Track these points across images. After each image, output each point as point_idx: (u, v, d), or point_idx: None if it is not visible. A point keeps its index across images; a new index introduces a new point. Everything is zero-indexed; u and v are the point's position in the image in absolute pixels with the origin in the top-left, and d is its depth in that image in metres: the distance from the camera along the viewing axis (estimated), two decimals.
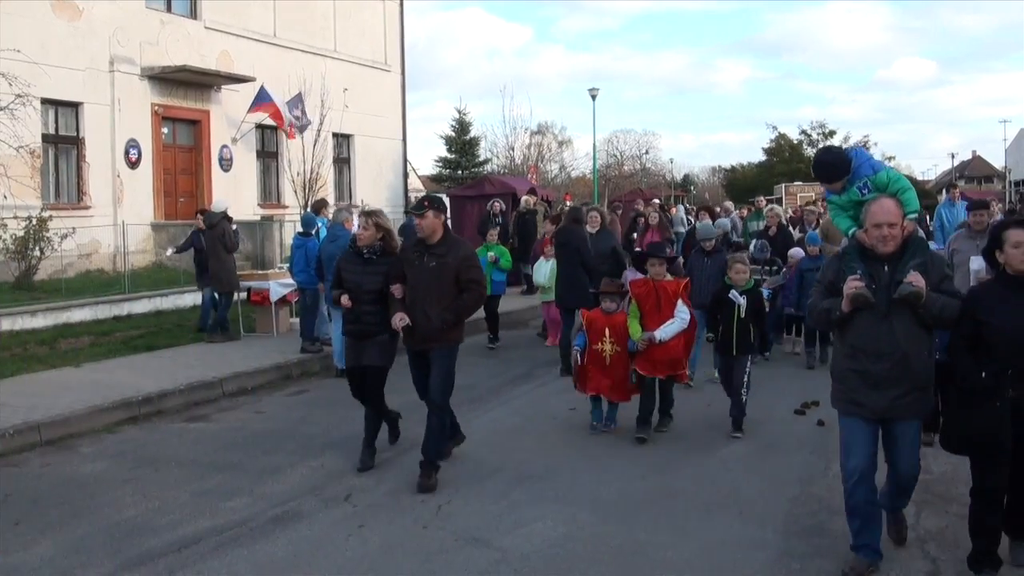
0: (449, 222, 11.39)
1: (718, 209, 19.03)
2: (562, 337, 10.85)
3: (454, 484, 6.59)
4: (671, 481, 6.60)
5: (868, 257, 4.73)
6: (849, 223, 5.68)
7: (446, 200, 26.15)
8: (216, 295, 13.28)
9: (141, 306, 15.07)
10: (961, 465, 6.99)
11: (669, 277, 7.96)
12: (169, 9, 21.49)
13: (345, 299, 6.96)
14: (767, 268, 11.53)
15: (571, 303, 10.39)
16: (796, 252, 11.75)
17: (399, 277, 6.72)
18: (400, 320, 6.57)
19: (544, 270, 12.96)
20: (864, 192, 5.54)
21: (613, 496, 6.34)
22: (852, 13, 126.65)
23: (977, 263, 8.12)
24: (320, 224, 12.48)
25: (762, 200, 19.39)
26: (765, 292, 10.68)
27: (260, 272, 15.17)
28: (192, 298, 15.40)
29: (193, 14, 22.00)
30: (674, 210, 23.61)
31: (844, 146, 7.45)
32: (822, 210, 25.95)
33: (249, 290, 13.53)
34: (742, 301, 7.98)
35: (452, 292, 6.52)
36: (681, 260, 11.45)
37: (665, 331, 7.59)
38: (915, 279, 4.49)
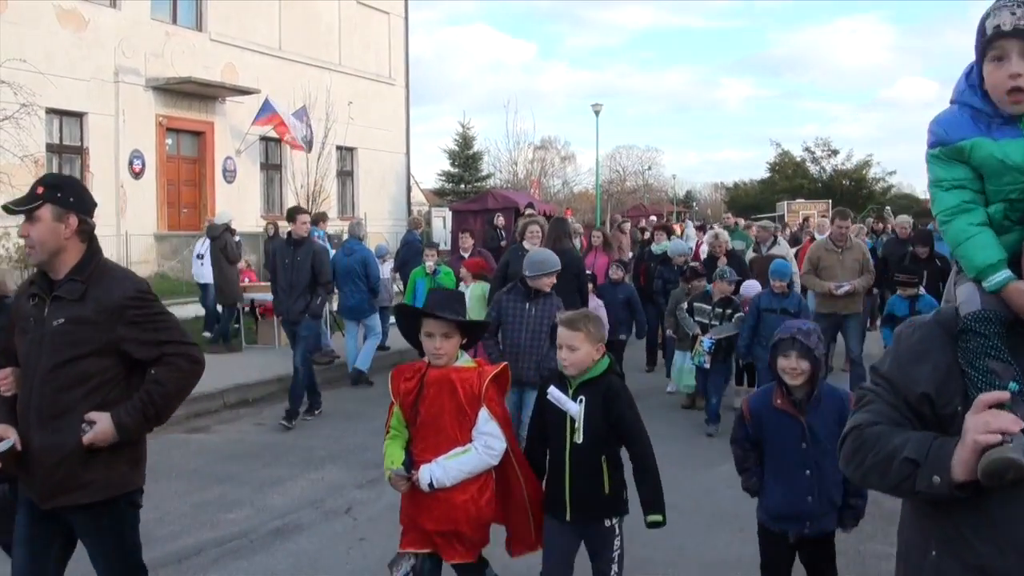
0: (405, 235, 11.18)
1: (713, 226, 18.21)
2: None
3: None
4: (671, 497, 6.52)
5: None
6: (992, 249, 2.03)
7: (448, 214, 25.67)
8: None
9: None
10: None
11: (465, 360, 3.97)
12: (175, 21, 21.61)
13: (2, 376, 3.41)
14: (719, 311, 8.80)
15: None
16: (750, 287, 9.34)
17: (7, 350, 3.48)
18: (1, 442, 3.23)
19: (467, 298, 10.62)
20: None
21: None
22: (855, 33, 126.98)
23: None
24: (319, 235, 12.54)
25: (729, 217, 18.66)
26: (707, 343, 8.59)
27: (263, 284, 15.17)
28: (195, 308, 15.40)
29: (198, 26, 22.11)
30: (679, 228, 22.43)
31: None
32: (803, 225, 22.66)
33: (252, 301, 13.59)
34: (576, 409, 3.86)
35: (115, 377, 3.31)
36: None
37: (446, 469, 3.77)
38: None
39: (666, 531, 5.95)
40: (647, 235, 16.32)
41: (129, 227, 18.70)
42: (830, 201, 44.25)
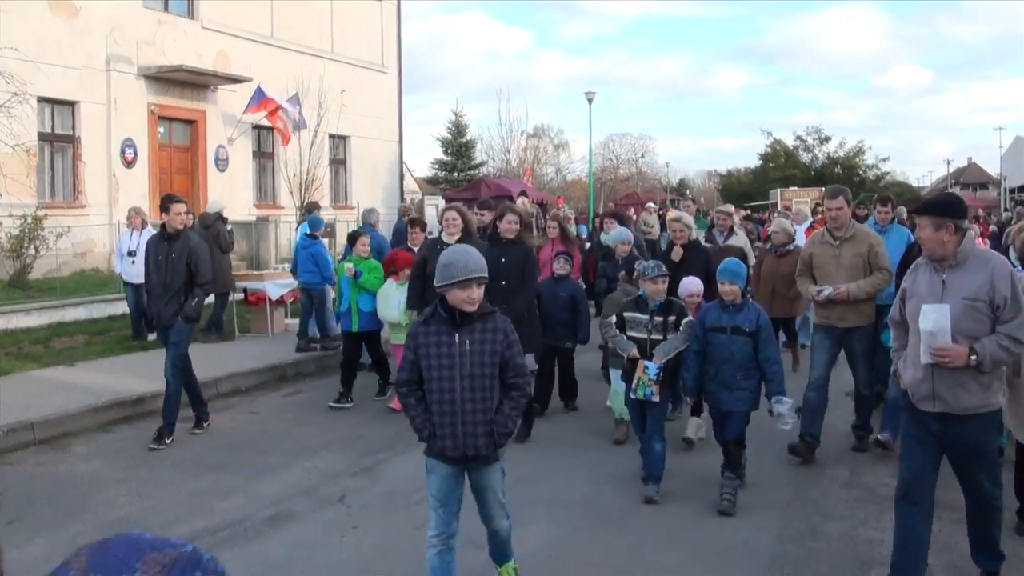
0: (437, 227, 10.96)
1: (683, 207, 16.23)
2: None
3: None
4: (665, 485, 6.60)
5: None
6: None
7: (441, 202, 25.58)
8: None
9: None
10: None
11: None
12: (166, 9, 21.49)
13: None
14: (658, 321, 6.37)
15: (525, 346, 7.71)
16: (691, 284, 7.43)
17: None
18: None
19: (395, 300, 8.81)
20: None
21: (607, 499, 6.35)
22: (850, 21, 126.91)
23: (933, 320, 4.26)
24: (321, 227, 12.56)
25: (692, 204, 17.44)
26: (652, 369, 6.20)
27: (256, 272, 15.18)
28: None
29: (190, 14, 22.00)
30: (672, 214, 21.92)
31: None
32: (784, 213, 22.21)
33: (245, 291, 13.57)
34: None
35: None
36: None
37: None
38: None
39: (660, 517, 5.99)
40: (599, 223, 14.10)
41: (121, 216, 18.54)
42: (823, 189, 44.30)
